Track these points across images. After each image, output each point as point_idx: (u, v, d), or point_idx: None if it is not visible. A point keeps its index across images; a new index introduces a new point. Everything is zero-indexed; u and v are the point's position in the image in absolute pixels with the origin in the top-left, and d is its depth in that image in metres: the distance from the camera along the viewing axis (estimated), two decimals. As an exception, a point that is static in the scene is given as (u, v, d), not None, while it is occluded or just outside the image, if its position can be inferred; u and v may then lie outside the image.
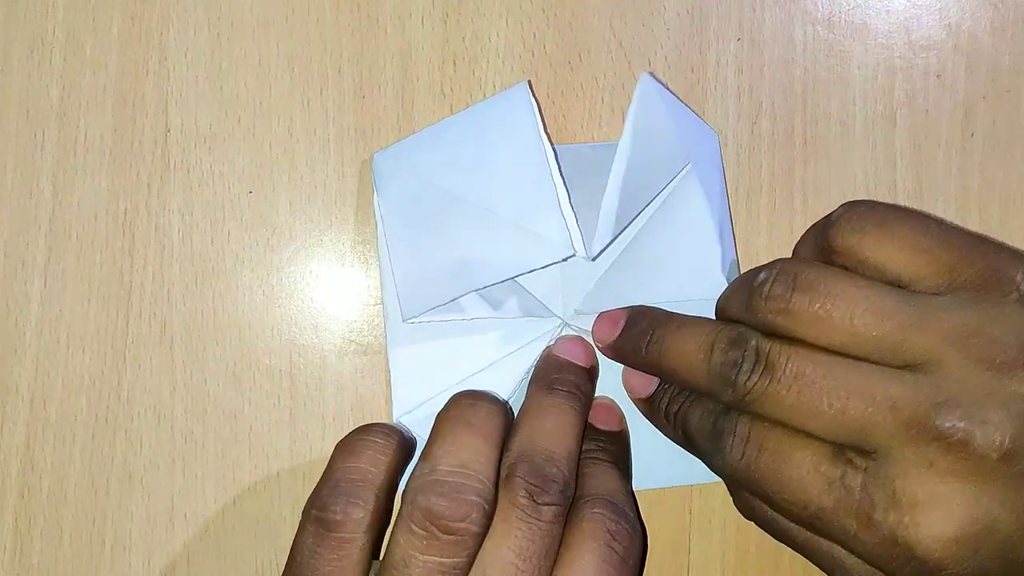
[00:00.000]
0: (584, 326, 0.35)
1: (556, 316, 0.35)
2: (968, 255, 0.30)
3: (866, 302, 0.29)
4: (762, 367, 0.29)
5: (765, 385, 0.29)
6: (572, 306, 0.35)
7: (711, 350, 0.31)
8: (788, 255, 0.34)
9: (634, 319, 0.34)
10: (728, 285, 0.33)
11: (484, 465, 0.30)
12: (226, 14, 0.35)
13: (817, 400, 0.29)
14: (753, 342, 0.30)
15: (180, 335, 0.35)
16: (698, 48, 0.37)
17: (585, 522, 0.30)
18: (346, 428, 0.32)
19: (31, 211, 0.35)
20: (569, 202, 0.33)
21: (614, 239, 0.33)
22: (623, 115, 0.36)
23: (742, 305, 0.31)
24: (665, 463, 0.35)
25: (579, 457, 0.32)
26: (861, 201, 0.32)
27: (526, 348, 0.35)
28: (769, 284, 0.30)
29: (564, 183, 0.33)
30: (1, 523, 0.35)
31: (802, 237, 0.34)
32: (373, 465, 0.31)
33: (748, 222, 0.37)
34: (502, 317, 0.35)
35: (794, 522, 0.31)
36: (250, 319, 0.35)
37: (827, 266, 0.31)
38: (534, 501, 0.30)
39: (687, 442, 0.33)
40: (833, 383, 0.29)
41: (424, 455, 0.31)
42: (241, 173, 0.35)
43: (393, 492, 0.32)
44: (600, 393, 0.36)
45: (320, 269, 0.36)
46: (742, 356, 0.30)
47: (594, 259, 0.33)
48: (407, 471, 0.33)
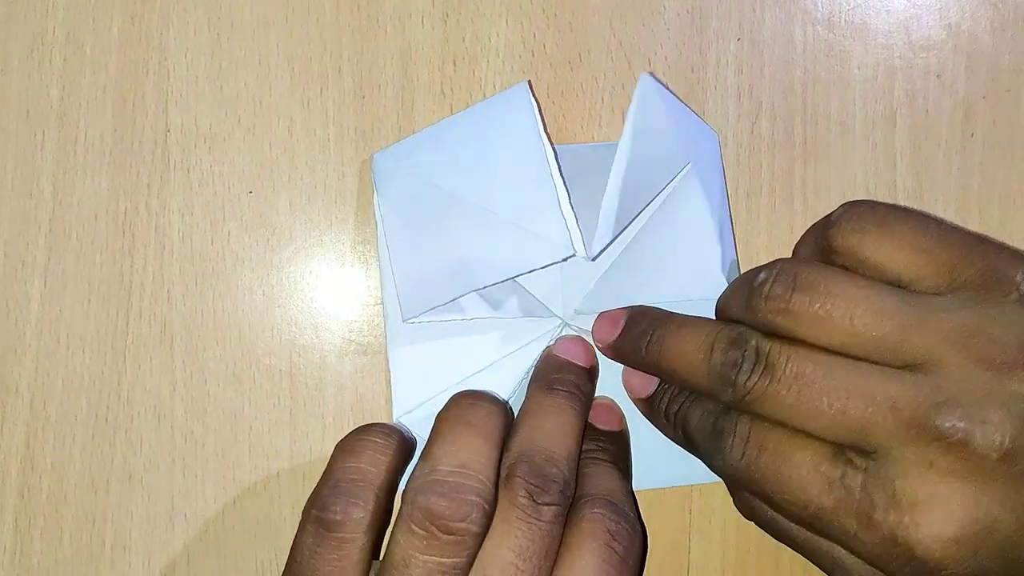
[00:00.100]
0: (584, 326, 0.35)
1: (556, 316, 0.35)
2: (968, 255, 0.30)
3: (866, 302, 0.29)
4: (762, 367, 0.29)
5: (765, 385, 0.29)
6: (572, 306, 0.35)
7: (711, 350, 0.31)
8: (788, 255, 0.34)
9: (634, 319, 0.34)
10: (728, 285, 0.33)
11: (484, 465, 0.30)
12: (226, 14, 0.35)
13: (817, 400, 0.29)
14: (753, 342, 0.30)
15: (180, 335, 0.35)
16: (698, 48, 0.37)
17: (585, 522, 0.30)
18: (346, 428, 0.32)
19: (31, 211, 0.35)
20: (569, 202, 0.33)
21: (614, 239, 0.33)
22: (623, 115, 0.36)
23: (742, 305, 0.31)
24: (665, 463, 0.35)
25: (579, 457, 0.32)
26: (861, 201, 0.32)
27: (526, 348, 0.35)
28: (769, 284, 0.30)
29: (564, 183, 0.33)
30: (1, 523, 0.35)
31: (802, 237, 0.34)
32: (373, 465, 0.31)
33: (748, 222, 0.37)
34: (502, 317, 0.35)
35: (794, 522, 0.31)
36: (250, 319, 0.35)
37: (827, 266, 0.31)
38: (534, 501, 0.30)
39: (687, 442, 0.33)
40: (833, 383, 0.28)
41: (424, 455, 0.31)
42: (241, 173, 0.35)
43: (393, 492, 0.32)
44: (600, 393, 0.36)
45: (320, 269, 0.36)
46: (742, 356, 0.30)
47: (594, 259, 0.33)
48: (407, 471, 0.33)
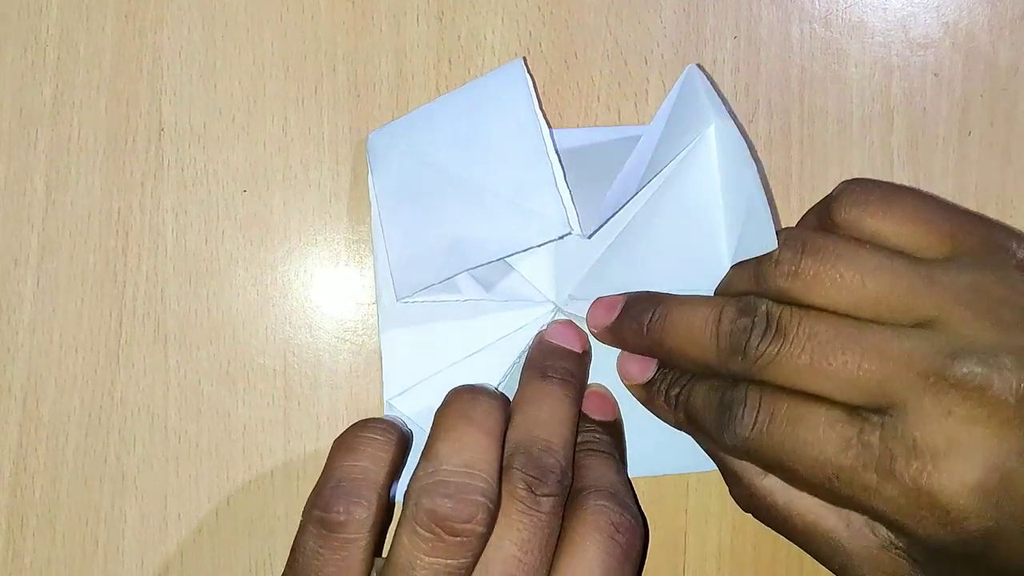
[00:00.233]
0: (577, 312, 0.35)
1: (549, 301, 0.35)
2: (967, 226, 0.31)
3: (875, 264, 0.30)
4: (773, 331, 0.30)
5: (777, 348, 0.29)
6: (566, 291, 0.35)
7: (719, 321, 0.31)
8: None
9: (633, 301, 0.34)
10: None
11: (487, 463, 0.30)
12: (220, 12, 0.35)
13: (832, 359, 0.29)
14: (763, 308, 0.30)
15: (174, 334, 0.35)
16: (695, 46, 0.37)
17: (589, 514, 0.30)
18: (340, 427, 0.32)
19: (24, 210, 0.35)
20: (565, 180, 0.32)
21: (608, 219, 0.33)
22: (619, 113, 0.36)
23: (748, 277, 0.32)
24: (657, 452, 0.35)
25: (575, 444, 0.32)
26: (860, 179, 0.33)
27: (518, 333, 0.35)
28: (778, 250, 0.30)
29: (560, 161, 0.32)
30: (-6, 523, 0.35)
31: (802, 218, 0.34)
32: (374, 463, 0.30)
33: (744, 221, 0.37)
34: (495, 300, 0.35)
35: (808, 490, 0.31)
36: (244, 318, 0.35)
37: (834, 234, 0.31)
38: (533, 493, 0.29)
39: (690, 425, 0.32)
40: (847, 342, 0.29)
41: (426, 453, 0.30)
42: (235, 172, 0.35)
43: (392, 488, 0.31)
44: (592, 382, 0.35)
45: (314, 268, 0.36)
46: (752, 322, 0.30)
47: (589, 237, 0.33)
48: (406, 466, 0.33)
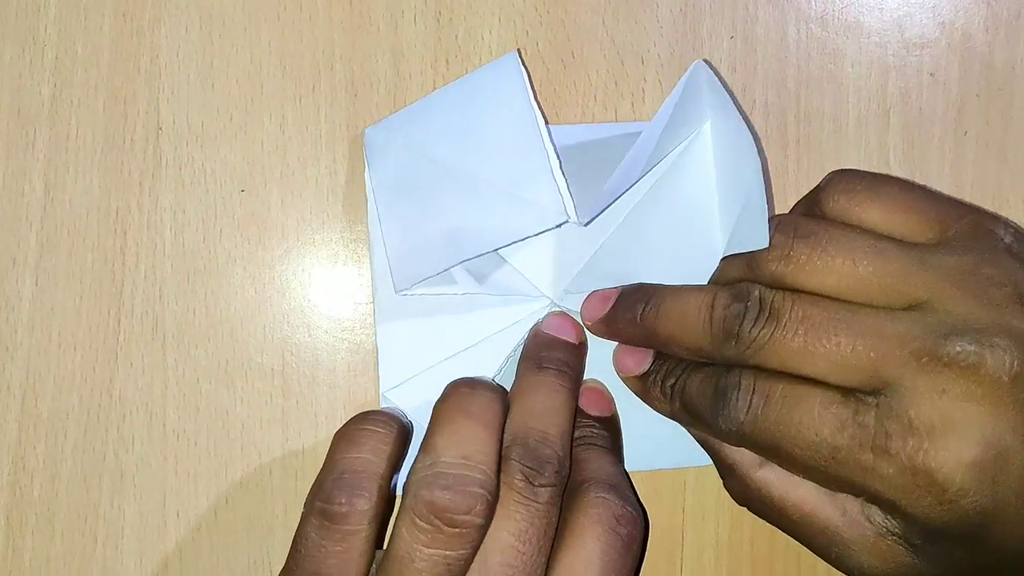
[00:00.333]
0: (573, 306, 0.35)
1: (545, 296, 0.35)
2: (954, 212, 0.31)
3: (866, 248, 0.30)
4: (767, 315, 0.30)
5: (771, 332, 0.30)
6: (561, 286, 0.35)
7: (711, 307, 0.31)
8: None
9: (627, 292, 0.34)
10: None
11: (486, 455, 0.30)
12: (217, 12, 0.35)
13: (825, 341, 0.29)
14: (756, 292, 0.30)
15: (172, 333, 0.35)
16: (691, 46, 0.37)
17: (590, 506, 0.30)
18: (338, 426, 0.32)
19: (22, 209, 0.35)
20: (561, 170, 0.32)
21: (605, 208, 0.33)
22: (616, 112, 0.36)
23: (741, 264, 0.32)
24: (652, 446, 0.35)
25: (572, 435, 0.32)
26: (847, 169, 0.33)
27: (514, 327, 0.35)
28: (770, 234, 0.31)
29: (556, 152, 0.32)
30: (-7, 520, 0.35)
31: (791, 209, 0.34)
32: (375, 455, 0.31)
33: (741, 220, 0.37)
34: (492, 294, 0.35)
35: (804, 474, 0.31)
36: (242, 317, 0.35)
37: (825, 219, 0.31)
38: (531, 483, 0.30)
39: (686, 414, 0.33)
40: (840, 324, 0.29)
41: (425, 446, 0.30)
42: (233, 171, 0.35)
43: (392, 480, 0.32)
44: (587, 377, 0.35)
45: (312, 267, 0.36)
46: (745, 307, 0.30)
47: (586, 224, 0.33)
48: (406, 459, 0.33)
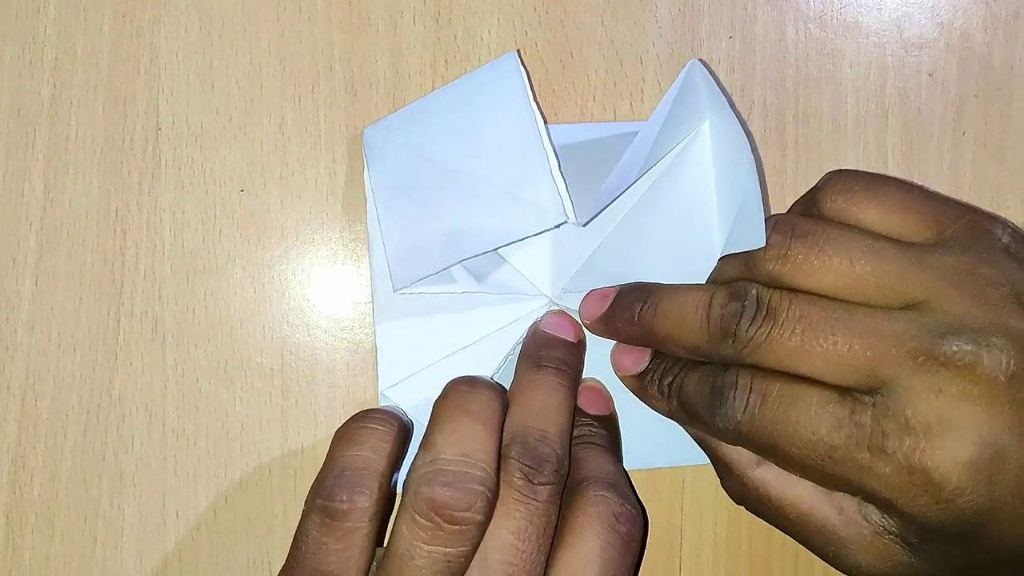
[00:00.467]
0: (571, 305, 0.35)
1: (544, 294, 0.35)
2: (951, 212, 0.31)
3: (864, 247, 0.30)
4: (764, 314, 0.30)
5: (768, 331, 0.30)
6: (560, 285, 0.35)
7: (709, 306, 0.31)
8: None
9: (625, 291, 0.34)
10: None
11: (486, 453, 0.30)
12: (217, 12, 0.35)
13: (822, 340, 0.29)
14: (753, 291, 0.30)
15: (171, 333, 0.35)
16: (690, 46, 0.37)
17: (590, 505, 0.30)
18: (337, 425, 0.32)
19: (22, 209, 0.35)
20: (560, 170, 0.32)
21: (604, 208, 0.33)
22: (614, 112, 0.36)
23: (739, 264, 0.32)
24: (651, 445, 0.35)
25: (571, 434, 0.32)
26: (844, 169, 0.33)
27: (512, 326, 0.35)
28: (768, 234, 0.31)
29: (555, 152, 0.32)
30: (-7, 520, 0.35)
31: (789, 210, 0.34)
32: (376, 453, 0.31)
33: (739, 220, 0.37)
34: (490, 293, 0.35)
35: (801, 473, 0.31)
36: (241, 317, 0.35)
37: (823, 219, 0.31)
38: (530, 482, 0.30)
39: (683, 413, 0.33)
40: (837, 323, 0.29)
41: (425, 444, 0.30)
42: (232, 171, 0.35)
43: (393, 478, 0.32)
44: (586, 376, 0.35)
45: (311, 267, 0.36)
46: (742, 307, 0.30)
47: (585, 225, 0.33)
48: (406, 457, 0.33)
